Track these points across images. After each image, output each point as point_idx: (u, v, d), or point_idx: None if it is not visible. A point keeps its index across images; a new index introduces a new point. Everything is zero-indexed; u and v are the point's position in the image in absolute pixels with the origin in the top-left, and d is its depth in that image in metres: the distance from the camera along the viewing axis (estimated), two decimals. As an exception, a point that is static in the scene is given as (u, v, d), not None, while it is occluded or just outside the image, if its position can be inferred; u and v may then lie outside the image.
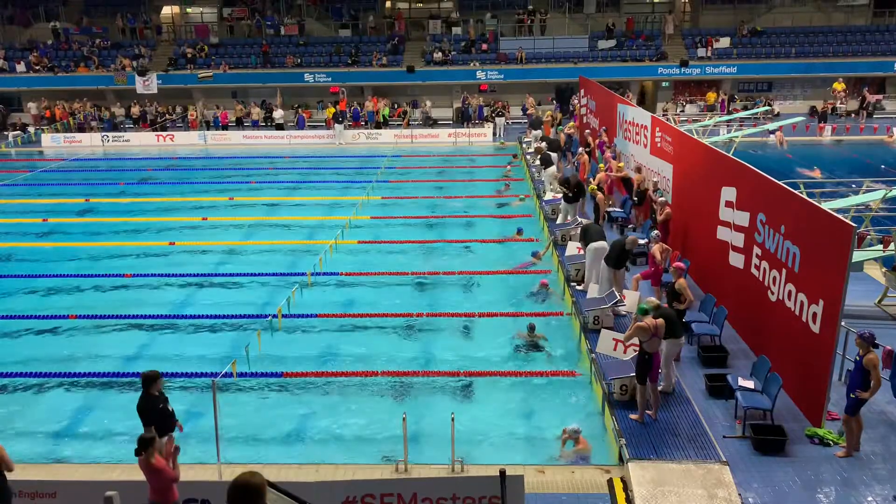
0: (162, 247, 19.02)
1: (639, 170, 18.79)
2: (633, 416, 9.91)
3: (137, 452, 7.24)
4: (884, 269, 13.92)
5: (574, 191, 17.56)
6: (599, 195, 17.53)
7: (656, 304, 10.17)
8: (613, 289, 12.99)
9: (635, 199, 18.15)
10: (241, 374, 11.77)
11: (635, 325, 9.68)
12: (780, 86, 38.14)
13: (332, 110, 35.43)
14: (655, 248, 13.25)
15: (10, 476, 8.61)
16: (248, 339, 12.72)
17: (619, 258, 13.05)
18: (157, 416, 8.34)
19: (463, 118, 35.76)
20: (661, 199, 15.65)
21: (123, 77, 37.22)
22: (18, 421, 11.00)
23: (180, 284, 16.34)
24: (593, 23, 39.73)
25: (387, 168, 27.81)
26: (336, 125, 33.36)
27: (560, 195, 20.11)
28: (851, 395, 9.00)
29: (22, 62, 38.40)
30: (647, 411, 9.88)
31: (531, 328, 13.04)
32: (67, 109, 37.00)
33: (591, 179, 19.63)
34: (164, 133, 34.59)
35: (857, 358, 9.05)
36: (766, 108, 34.58)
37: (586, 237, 14.04)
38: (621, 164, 19.74)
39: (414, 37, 40.79)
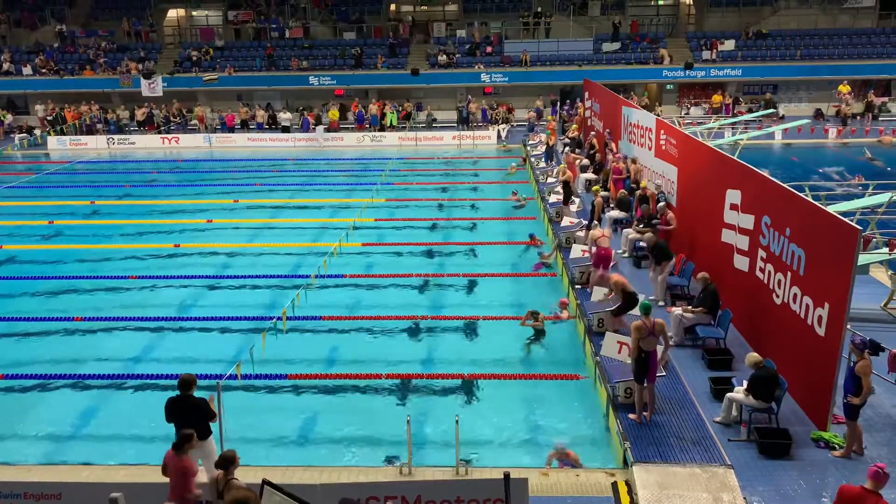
0: (167, 249, 19.05)
1: (633, 161, 18.80)
2: (631, 416, 9.94)
3: (178, 447, 7.44)
4: (890, 272, 13.87)
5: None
6: (598, 199, 17.41)
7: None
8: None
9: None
10: (245, 376, 11.78)
11: (632, 327, 9.73)
12: (785, 88, 38.08)
13: (336, 113, 35.49)
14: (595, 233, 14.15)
15: (15, 478, 8.68)
16: (252, 340, 12.73)
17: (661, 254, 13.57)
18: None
19: (464, 121, 35.70)
20: (660, 203, 15.61)
21: (129, 80, 37.36)
22: (24, 422, 11.02)
23: (185, 286, 16.37)
24: (598, 25, 39.73)
25: (391, 171, 27.84)
26: (317, 127, 33.48)
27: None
28: (844, 400, 9.03)
29: (28, 65, 38.61)
30: (644, 412, 9.89)
31: (534, 315, 13.42)
32: (74, 112, 37.11)
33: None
34: (170, 136, 34.71)
35: (851, 363, 9.06)
36: (771, 110, 34.41)
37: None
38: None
39: (418, 39, 40.85)
